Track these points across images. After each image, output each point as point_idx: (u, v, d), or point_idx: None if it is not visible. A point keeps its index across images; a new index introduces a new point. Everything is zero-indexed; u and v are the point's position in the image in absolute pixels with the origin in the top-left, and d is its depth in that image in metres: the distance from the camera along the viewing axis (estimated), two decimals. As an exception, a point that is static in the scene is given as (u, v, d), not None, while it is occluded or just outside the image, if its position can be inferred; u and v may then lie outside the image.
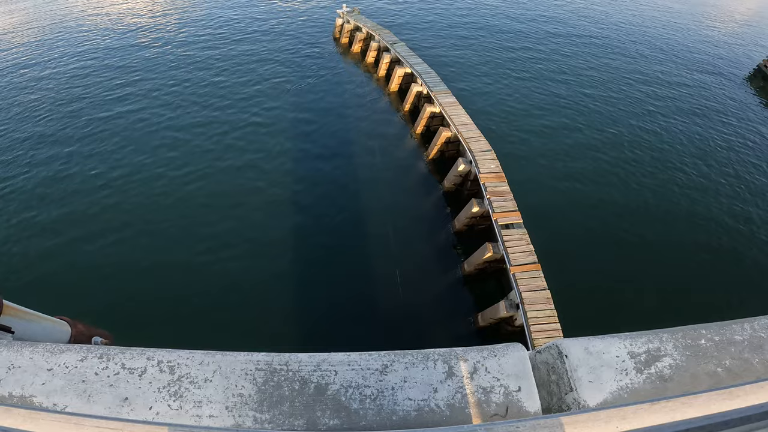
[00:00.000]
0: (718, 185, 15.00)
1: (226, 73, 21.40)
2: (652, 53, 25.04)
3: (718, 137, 17.66)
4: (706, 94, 20.96)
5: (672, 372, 1.59)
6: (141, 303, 10.57)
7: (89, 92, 19.89)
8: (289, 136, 16.91)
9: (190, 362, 1.44)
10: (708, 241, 12.86)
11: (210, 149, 16.05)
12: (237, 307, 10.63)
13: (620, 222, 13.37)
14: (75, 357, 1.49)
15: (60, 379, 1.44)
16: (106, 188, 14.27)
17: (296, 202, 13.97)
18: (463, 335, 10.56)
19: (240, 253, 12.03)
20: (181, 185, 14.39)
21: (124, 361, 1.45)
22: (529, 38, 26.08)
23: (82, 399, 1.38)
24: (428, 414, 1.35)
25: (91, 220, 13.06)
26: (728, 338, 1.73)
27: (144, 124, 17.46)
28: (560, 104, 19.27)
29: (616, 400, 1.49)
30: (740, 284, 11.62)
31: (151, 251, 12.05)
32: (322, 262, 11.91)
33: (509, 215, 11.21)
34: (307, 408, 1.35)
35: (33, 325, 2.27)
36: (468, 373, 1.42)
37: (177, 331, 9.80)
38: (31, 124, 17.70)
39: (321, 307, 10.84)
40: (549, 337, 8.77)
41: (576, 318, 9.48)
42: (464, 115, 15.04)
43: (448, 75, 19.92)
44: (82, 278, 11.31)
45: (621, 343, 1.61)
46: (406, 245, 12.44)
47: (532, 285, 9.67)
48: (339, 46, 24.59)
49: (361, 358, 1.43)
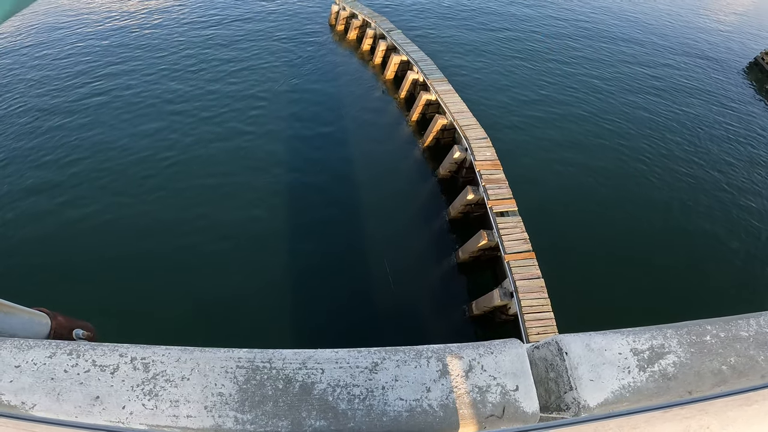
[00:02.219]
0: (723, 175, 14.99)
1: (214, 60, 20.91)
2: (646, 38, 24.83)
3: (722, 127, 17.61)
4: (700, 78, 20.89)
5: (676, 370, 1.52)
6: (110, 293, 10.39)
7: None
8: (279, 125, 16.60)
9: (165, 359, 1.34)
10: (712, 230, 12.89)
11: (189, 133, 15.75)
12: (217, 300, 10.43)
13: (617, 212, 13.38)
14: (43, 353, 1.39)
15: (28, 377, 1.35)
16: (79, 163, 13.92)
17: (284, 189, 13.78)
18: (456, 324, 10.61)
19: (221, 244, 11.82)
20: (161, 167, 14.12)
21: (95, 358, 1.35)
22: (532, 23, 25.62)
23: (51, 397, 1.29)
24: (420, 415, 1.27)
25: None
26: (734, 334, 1.66)
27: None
28: (568, 94, 19.11)
29: (618, 400, 1.42)
30: (743, 276, 11.70)
31: (125, 239, 11.80)
32: (309, 251, 11.80)
33: (504, 203, 11.16)
34: (291, 408, 1.27)
35: (9, 318, 2.16)
36: (463, 372, 1.34)
37: (154, 324, 9.66)
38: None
39: (308, 297, 10.77)
40: (542, 326, 8.83)
41: (569, 307, 9.54)
42: (460, 103, 14.88)
43: (444, 63, 19.65)
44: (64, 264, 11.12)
45: (624, 340, 1.54)
46: (400, 232, 12.38)
47: (526, 273, 9.69)
48: (335, 33, 24.11)
49: (349, 356, 1.35)
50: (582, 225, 12.70)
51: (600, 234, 12.47)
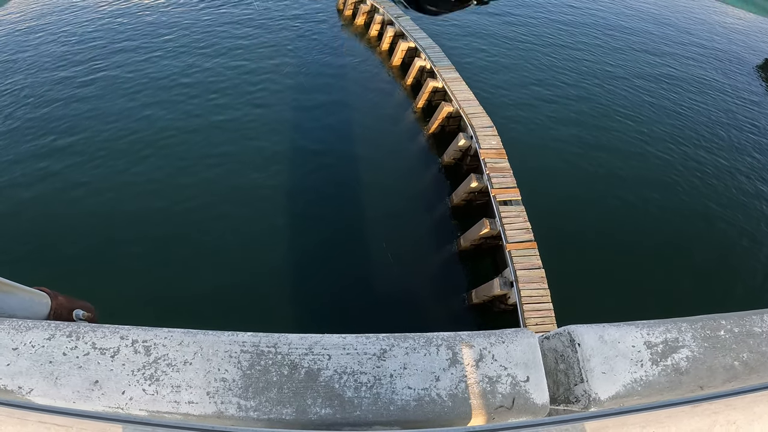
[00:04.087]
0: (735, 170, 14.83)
1: (220, 40, 20.61)
2: (660, 30, 24.32)
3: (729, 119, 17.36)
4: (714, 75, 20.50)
5: (689, 364, 1.48)
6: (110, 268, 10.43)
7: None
8: (283, 108, 16.43)
9: (168, 342, 1.31)
10: (722, 227, 12.79)
11: (198, 113, 15.66)
12: (221, 281, 10.46)
13: (623, 203, 13.28)
14: (42, 335, 1.35)
15: (26, 360, 1.30)
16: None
17: (290, 172, 13.71)
18: (456, 311, 10.64)
19: (224, 222, 11.83)
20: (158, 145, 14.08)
21: (95, 341, 1.31)
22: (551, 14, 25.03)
23: (49, 382, 1.25)
24: (428, 404, 1.24)
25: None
26: (748, 330, 1.62)
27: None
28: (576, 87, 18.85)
29: (629, 394, 1.39)
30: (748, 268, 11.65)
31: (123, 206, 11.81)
32: (313, 234, 11.78)
33: (508, 192, 11.08)
34: (296, 395, 1.23)
35: (8, 298, 2.12)
36: (473, 361, 1.30)
37: (154, 304, 9.69)
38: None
39: (304, 278, 10.78)
40: (541, 317, 8.85)
41: (568, 299, 9.55)
42: (467, 91, 14.68)
43: (452, 50, 19.37)
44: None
45: (638, 332, 1.50)
46: (402, 217, 12.36)
47: (527, 263, 9.66)
48: (342, 18, 23.72)
49: (357, 342, 1.31)
50: (585, 217, 12.64)
51: (603, 226, 12.40)
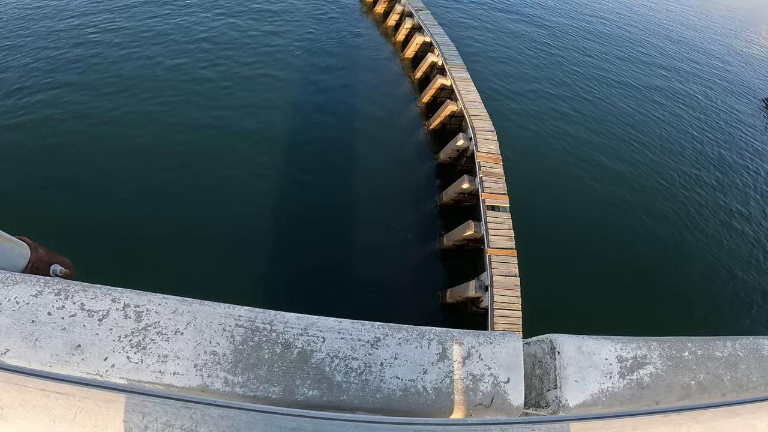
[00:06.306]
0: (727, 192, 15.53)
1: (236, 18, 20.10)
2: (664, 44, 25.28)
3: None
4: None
5: (650, 380, 1.59)
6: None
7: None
8: (293, 87, 16.28)
9: (161, 309, 1.29)
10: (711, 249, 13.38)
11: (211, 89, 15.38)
12: (219, 251, 10.37)
13: (607, 223, 13.66)
14: (29, 291, 1.27)
15: (7, 317, 1.22)
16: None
17: (286, 152, 13.57)
18: (428, 308, 10.81)
19: (223, 197, 11.69)
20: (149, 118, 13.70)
21: (85, 302, 1.27)
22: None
23: (27, 343, 1.18)
24: (413, 396, 1.28)
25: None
26: (709, 353, 1.74)
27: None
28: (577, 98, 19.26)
29: (595, 402, 1.49)
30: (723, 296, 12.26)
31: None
32: (303, 216, 11.73)
33: (498, 197, 11.26)
34: (286, 374, 1.25)
35: (-14, 245, 2.03)
36: (461, 358, 1.36)
37: (142, 265, 9.52)
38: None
39: (290, 264, 10.74)
40: (509, 324, 9.09)
41: (538, 309, 9.82)
42: (474, 92, 14.76)
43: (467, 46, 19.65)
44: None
45: (613, 346, 1.59)
46: (390, 208, 12.43)
47: (504, 270, 9.89)
48: (364, 5, 23.55)
49: (353, 327, 1.34)
50: (568, 231, 12.95)
51: (587, 243, 12.73)
